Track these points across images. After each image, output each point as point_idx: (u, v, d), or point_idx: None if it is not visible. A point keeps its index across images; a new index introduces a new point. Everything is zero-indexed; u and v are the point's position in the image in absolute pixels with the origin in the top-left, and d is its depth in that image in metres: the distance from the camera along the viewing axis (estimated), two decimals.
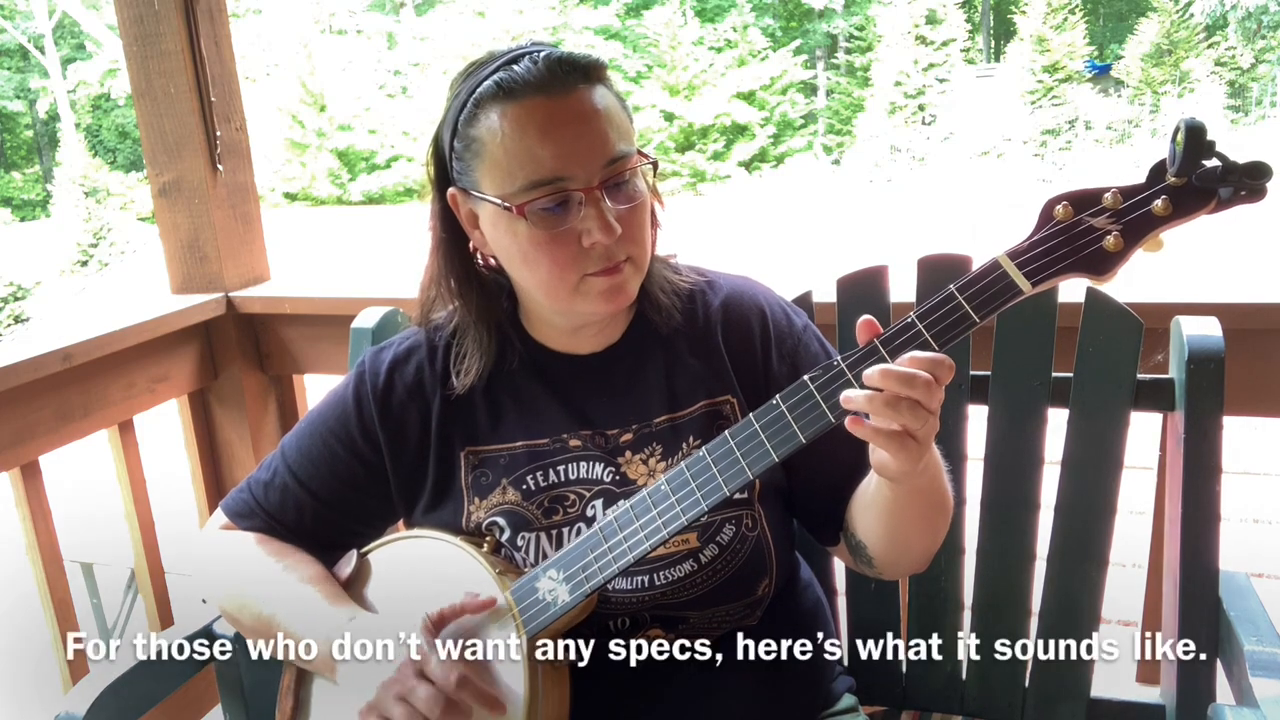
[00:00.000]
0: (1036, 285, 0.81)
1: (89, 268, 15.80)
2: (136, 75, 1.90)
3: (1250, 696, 1.05)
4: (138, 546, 1.91)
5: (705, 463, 0.90)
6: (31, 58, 26.54)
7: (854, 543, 1.04)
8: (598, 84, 0.95)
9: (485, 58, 0.97)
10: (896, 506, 0.95)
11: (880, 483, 0.93)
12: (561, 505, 1.03)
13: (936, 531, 1.02)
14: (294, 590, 1.03)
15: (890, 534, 0.99)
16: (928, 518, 0.98)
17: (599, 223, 0.92)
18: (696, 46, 22.44)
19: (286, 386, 2.11)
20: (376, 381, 1.08)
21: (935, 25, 20.72)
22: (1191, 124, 0.76)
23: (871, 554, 1.03)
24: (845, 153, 21.73)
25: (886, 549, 1.02)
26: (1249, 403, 1.47)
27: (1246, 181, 0.77)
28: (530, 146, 0.91)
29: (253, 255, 2.06)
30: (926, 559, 1.05)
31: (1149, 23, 20.67)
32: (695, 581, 1.01)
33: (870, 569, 1.05)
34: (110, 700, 1.10)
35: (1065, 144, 18.98)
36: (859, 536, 1.03)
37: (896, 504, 0.94)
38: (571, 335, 1.06)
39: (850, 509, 1.04)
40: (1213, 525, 1.21)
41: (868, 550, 1.03)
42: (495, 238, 0.98)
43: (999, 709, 1.33)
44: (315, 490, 1.08)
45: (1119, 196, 0.80)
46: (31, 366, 1.60)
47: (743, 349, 1.07)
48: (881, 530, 0.99)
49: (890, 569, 1.05)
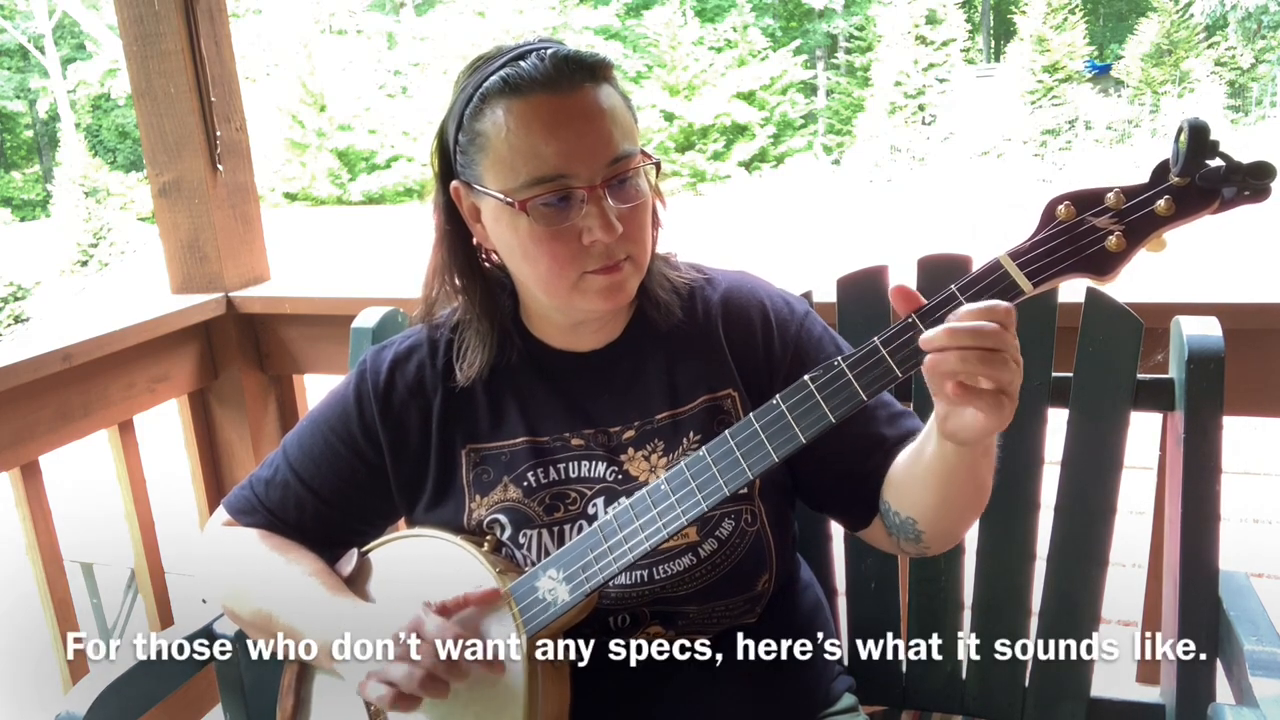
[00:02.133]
0: (1038, 285, 0.80)
1: (89, 268, 15.80)
2: (136, 75, 1.91)
3: (1250, 696, 1.05)
4: (138, 546, 1.91)
5: (705, 462, 0.90)
6: (31, 58, 26.53)
7: (898, 521, 1.01)
8: (603, 83, 0.95)
9: (493, 52, 0.98)
10: (961, 471, 0.91)
11: (943, 451, 0.90)
12: (563, 503, 1.03)
13: (987, 490, 0.98)
14: (295, 585, 1.03)
15: (947, 500, 0.96)
16: (986, 478, 0.95)
17: (600, 221, 0.92)
18: (696, 46, 22.44)
19: (286, 386, 2.11)
20: (378, 380, 1.08)
21: (935, 25, 20.72)
22: (1195, 124, 0.76)
23: (921, 528, 0.99)
24: (845, 153, 21.74)
25: (938, 519, 0.98)
26: (1249, 403, 1.47)
27: (1250, 181, 0.76)
28: (534, 143, 0.92)
29: (253, 255, 2.06)
30: (974, 519, 1.03)
31: (1149, 23, 20.67)
32: (694, 575, 1.01)
33: (915, 545, 1.02)
34: (110, 700, 1.10)
35: (1065, 144, 18.99)
36: (906, 513, 1.00)
37: (960, 467, 0.91)
38: (571, 333, 1.06)
39: (890, 488, 1.02)
40: (1213, 525, 1.21)
41: (916, 525, 1.00)
42: (497, 232, 0.98)
43: (999, 709, 1.33)
44: (316, 488, 1.09)
45: (1121, 196, 0.79)
46: (31, 366, 1.60)
47: (744, 341, 1.07)
48: (938, 498, 0.96)
49: (940, 538, 1.01)
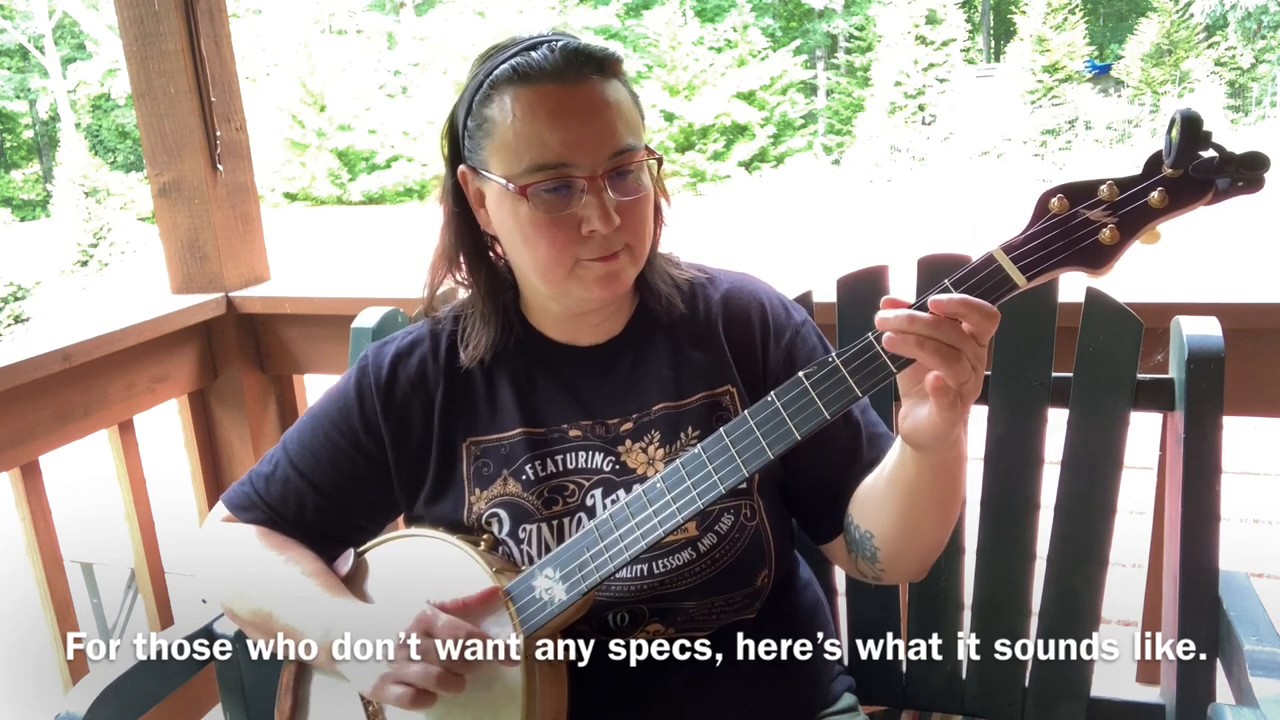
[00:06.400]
0: (1032, 279, 0.80)
1: (89, 268, 15.80)
2: (136, 75, 1.90)
3: (1250, 696, 1.04)
4: (138, 546, 1.91)
5: (701, 460, 0.90)
6: (31, 58, 26.55)
7: (857, 535, 1.03)
8: (612, 77, 0.97)
9: (507, 41, 0.99)
10: (918, 484, 0.92)
11: (903, 459, 0.91)
12: (561, 495, 1.03)
13: (946, 523, 0.99)
14: (294, 584, 1.03)
15: (904, 516, 0.97)
16: (943, 503, 0.95)
17: (599, 211, 0.93)
18: (696, 46, 22.46)
19: (286, 386, 2.11)
20: (379, 375, 1.08)
21: (935, 25, 20.74)
22: (1187, 115, 0.75)
23: (878, 544, 1.01)
24: (845, 153, 21.76)
25: (896, 536, 0.99)
26: (1249, 403, 1.47)
27: (1244, 172, 0.75)
28: (539, 130, 0.93)
29: (253, 255, 2.06)
30: (930, 558, 1.04)
31: (1149, 23, 20.69)
32: (694, 570, 1.01)
33: (871, 565, 1.03)
34: (110, 700, 1.10)
35: (1065, 144, 19.00)
36: (865, 527, 1.01)
37: (919, 480, 0.92)
38: (572, 325, 1.06)
39: (855, 502, 1.03)
40: (1213, 525, 1.21)
41: (874, 541, 1.01)
42: (499, 217, 0.99)
43: (999, 709, 1.33)
44: (317, 483, 1.09)
45: (1115, 188, 0.79)
46: (31, 366, 1.60)
47: (743, 340, 1.08)
48: (895, 513, 0.97)
49: (894, 562, 1.02)
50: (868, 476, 1.02)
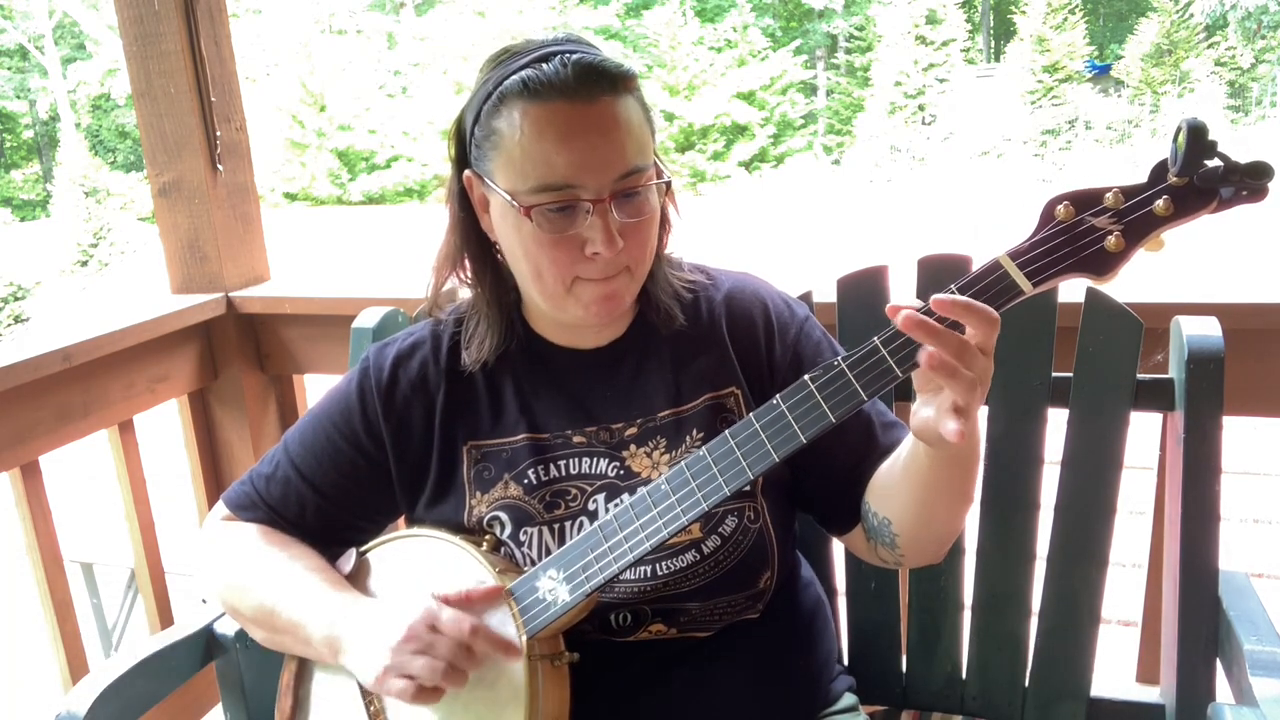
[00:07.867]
0: (1037, 285, 0.80)
1: (89, 268, 15.79)
2: (136, 75, 1.91)
3: (1250, 696, 1.05)
4: (138, 546, 1.91)
5: (706, 462, 0.90)
6: (31, 58, 26.55)
7: (875, 523, 1.03)
8: (625, 94, 0.94)
9: (520, 46, 0.98)
10: (931, 476, 0.92)
11: (916, 452, 0.92)
12: (563, 499, 1.03)
13: (963, 504, 0.99)
14: (297, 579, 1.04)
15: (919, 505, 0.97)
16: (958, 488, 0.96)
17: (603, 234, 0.93)
18: (696, 46, 22.44)
19: (286, 386, 2.11)
20: (381, 376, 1.08)
21: (935, 25, 20.72)
22: (1193, 124, 0.76)
23: (896, 530, 1.01)
24: (845, 153, 21.75)
25: (913, 522, 0.99)
26: (1249, 403, 1.47)
27: (1248, 181, 0.76)
28: (546, 150, 0.92)
29: (253, 255, 2.06)
30: (948, 541, 1.04)
31: (1149, 23, 20.68)
32: (697, 572, 1.01)
33: (892, 551, 1.03)
34: (110, 700, 1.10)
35: (1065, 144, 18.99)
36: (883, 514, 1.02)
37: (932, 473, 0.92)
38: (573, 331, 1.07)
39: (871, 490, 1.04)
40: (1213, 525, 1.21)
41: (892, 528, 1.01)
42: (502, 228, 0.99)
43: (999, 709, 1.33)
44: (317, 484, 1.09)
45: (1120, 196, 0.79)
46: (31, 366, 1.60)
47: (747, 340, 1.08)
48: (911, 502, 0.97)
49: (913, 547, 1.02)
50: (883, 464, 1.02)
